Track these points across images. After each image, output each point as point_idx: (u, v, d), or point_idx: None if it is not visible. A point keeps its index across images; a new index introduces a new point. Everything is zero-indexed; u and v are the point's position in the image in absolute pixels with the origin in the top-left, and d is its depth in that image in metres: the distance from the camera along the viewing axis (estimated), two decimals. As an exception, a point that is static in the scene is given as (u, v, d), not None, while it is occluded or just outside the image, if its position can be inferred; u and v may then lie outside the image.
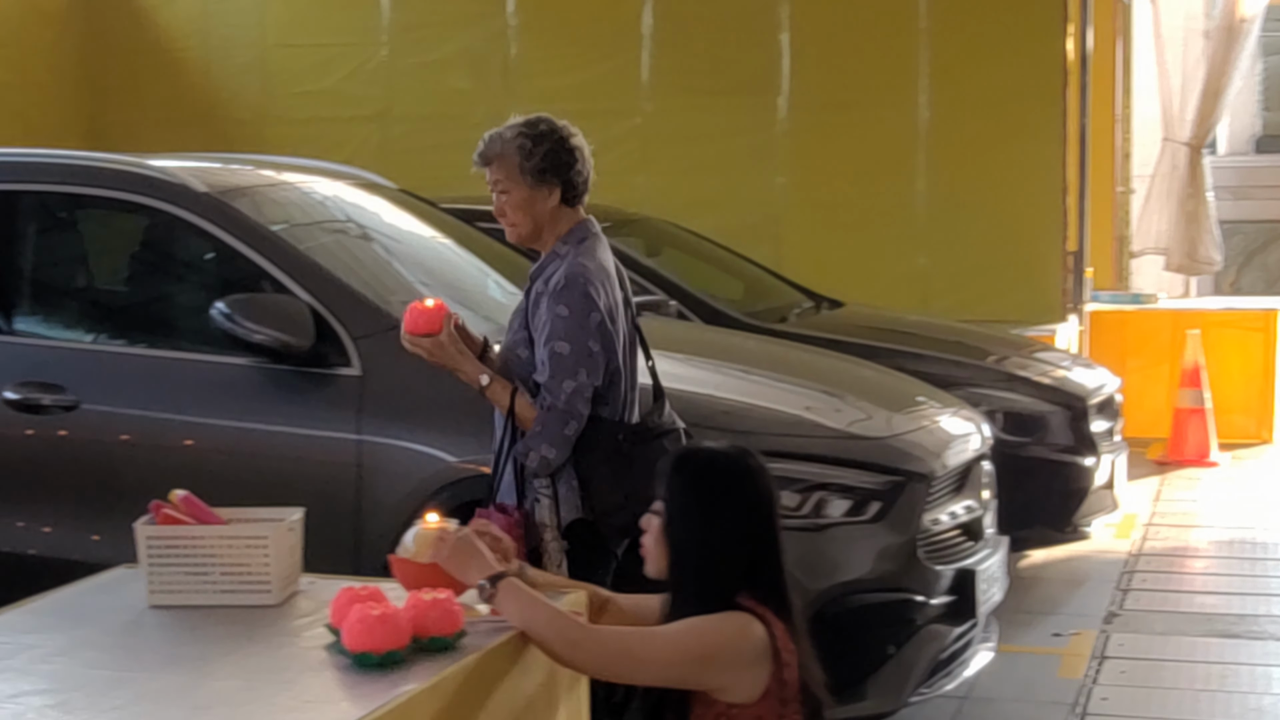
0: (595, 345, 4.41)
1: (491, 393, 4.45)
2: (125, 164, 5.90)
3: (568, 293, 4.38)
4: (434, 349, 4.44)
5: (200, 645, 3.36)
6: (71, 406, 5.51)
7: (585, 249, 4.50)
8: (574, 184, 4.53)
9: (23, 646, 3.34)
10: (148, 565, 3.63)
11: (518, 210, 4.49)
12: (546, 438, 4.36)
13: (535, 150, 4.45)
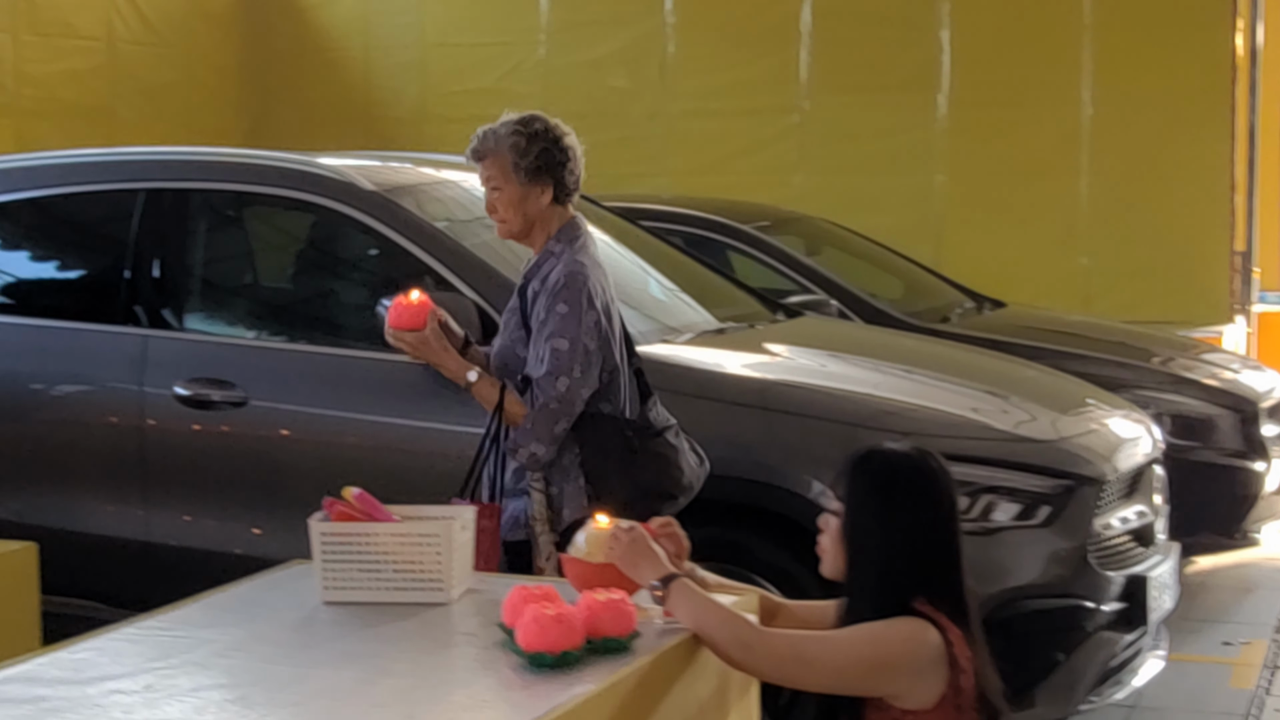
0: (592, 344, 4.41)
1: (478, 390, 4.46)
2: (293, 162, 5.94)
3: (567, 290, 4.40)
4: (417, 344, 4.45)
5: (374, 643, 3.36)
6: (240, 403, 5.56)
7: (580, 247, 4.52)
8: (566, 183, 4.52)
9: (200, 641, 3.36)
10: (321, 561, 3.64)
11: (509, 208, 4.50)
12: (537, 434, 4.37)
13: (529, 149, 4.46)
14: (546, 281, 4.43)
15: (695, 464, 4.62)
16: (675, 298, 6.34)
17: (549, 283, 4.42)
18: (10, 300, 6.35)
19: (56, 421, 5.94)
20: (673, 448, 4.57)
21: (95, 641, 3.38)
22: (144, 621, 3.54)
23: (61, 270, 6.69)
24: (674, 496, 4.54)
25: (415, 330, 4.43)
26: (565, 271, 4.41)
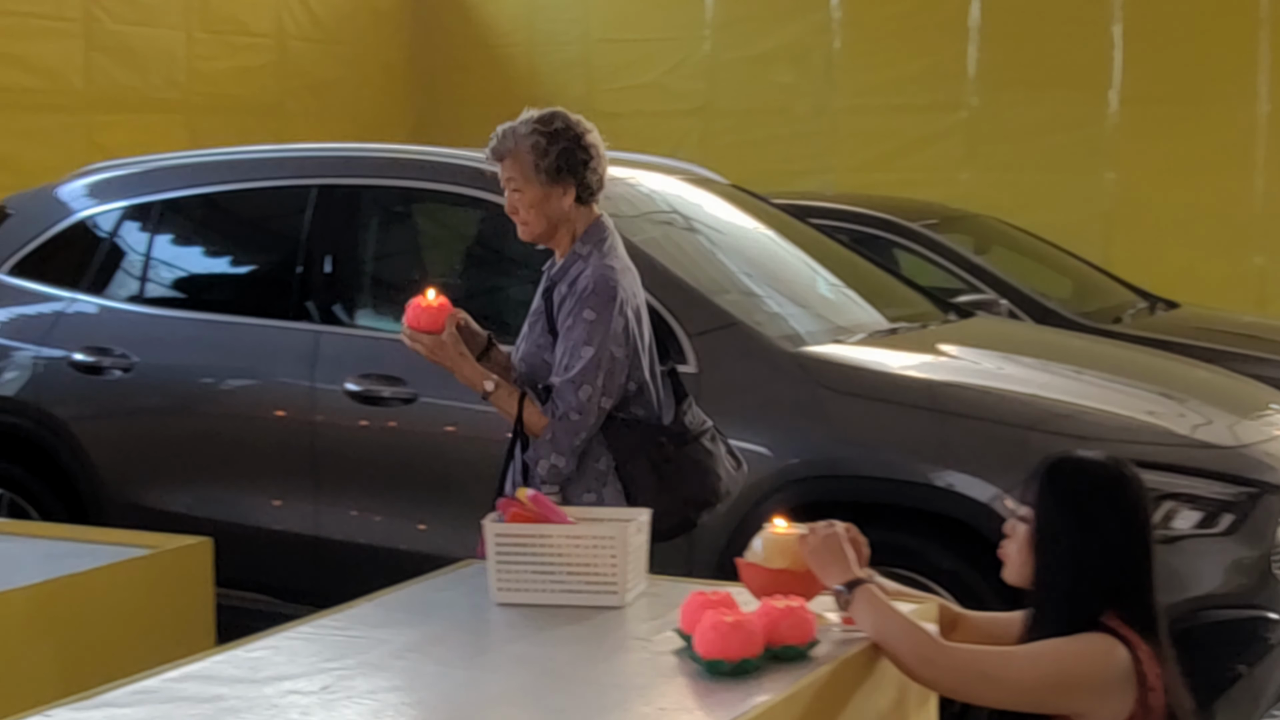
0: (619, 351, 4.24)
1: (496, 399, 4.27)
2: (463, 158, 5.94)
3: (595, 297, 4.22)
4: (434, 348, 4.26)
5: (549, 646, 3.33)
6: (410, 399, 5.57)
7: (609, 250, 4.34)
8: (589, 183, 4.34)
9: (375, 641, 3.36)
10: (495, 562, 3.62)
11: (531, 209, 4.33)
12: (556, 446, 4.19)
13: (550, 148, 4.29)
14: (574, 285, 4.26)
15: (733, 468, 4.45)
16: (844, 297, 6.26)
17: (577, 287, 4.25)
18: (183, 295, 6.42)
19: (227, 416, 6.00)
20: (709, 453, 4.39)
21: (271, 640, 3.39)
22: (319, 620, 3.55)
23: (234, 266, 6.76)
24: (710, 503, 4.39)
25: (432, 333, 4.25)
26: (594, 276, 4.24)
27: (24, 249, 6.46)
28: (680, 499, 4.29)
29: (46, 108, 9.89)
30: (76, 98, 10.03)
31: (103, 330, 6.18)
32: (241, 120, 11.04)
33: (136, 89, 10.51)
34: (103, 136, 9.99)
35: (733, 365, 5.23)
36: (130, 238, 6.41)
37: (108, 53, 10.29)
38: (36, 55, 9.85)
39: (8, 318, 6.41)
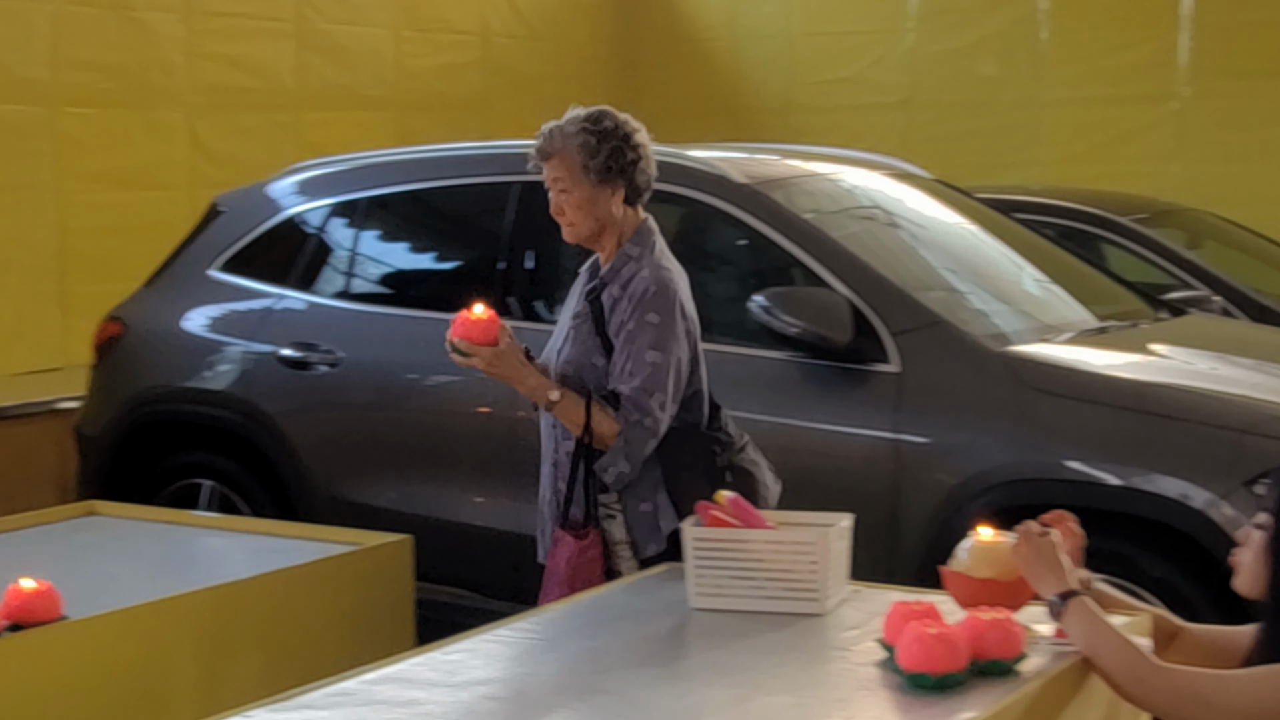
0: (684, 355, 4.17)
1: (562, 408, 4.13)
2: (663, 154, 5.87)
3: (659, 299, 4.14)
4: (493, 359, 4.11)
5: (747, 654, 3.28)
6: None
7: (661, 251, 4.25)
8: (637, 184, 4.23)
9: (573, 646, 3.34)
10: (693, 567, 3.59)
11: (579, 210, 4.20)
12: (627, 452, 4.09)
13: (600, 148, 4.16)
14: (629, 288, 4.15)
15: (773, 481, 4.33)
16: (1051, 294, 6.12)
17: (634, 290, 4.14)
18: (389, 291, 6.48)
19: (431, 411, 6.03)
20: (755, 463, 4.29)
21: (468, 643, 3.39)
22: (515, 623, 3.54)
23: (437, 262, 6.81)
24: None
25: (489, 345, 4.12)
26: (655, 279, 4.15)
27: (234, 246, 6.56)
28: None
29: (259, 106, 10.08)
30: (288, 96, 10.21)
31: (310, 326, 6.26)
32: (447, 117, 11.15)
33: (346, 87, 10.66)
34: (313, 134, 10.16)
35: (936, 365, 5.14)
36: (337, 234, 6.49)
37: (318, 52, 10.45)
38: (250, 55, 10.04)
39: (218, 314, 6.52)
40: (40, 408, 7.90)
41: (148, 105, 9.45)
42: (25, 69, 8.87)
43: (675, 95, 12.60)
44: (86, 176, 9.15)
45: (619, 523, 4.15)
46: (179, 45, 9.62)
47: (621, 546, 4.15)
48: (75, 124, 9.11)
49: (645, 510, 4.15)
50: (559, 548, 4.15)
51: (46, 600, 3.67)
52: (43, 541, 4.61)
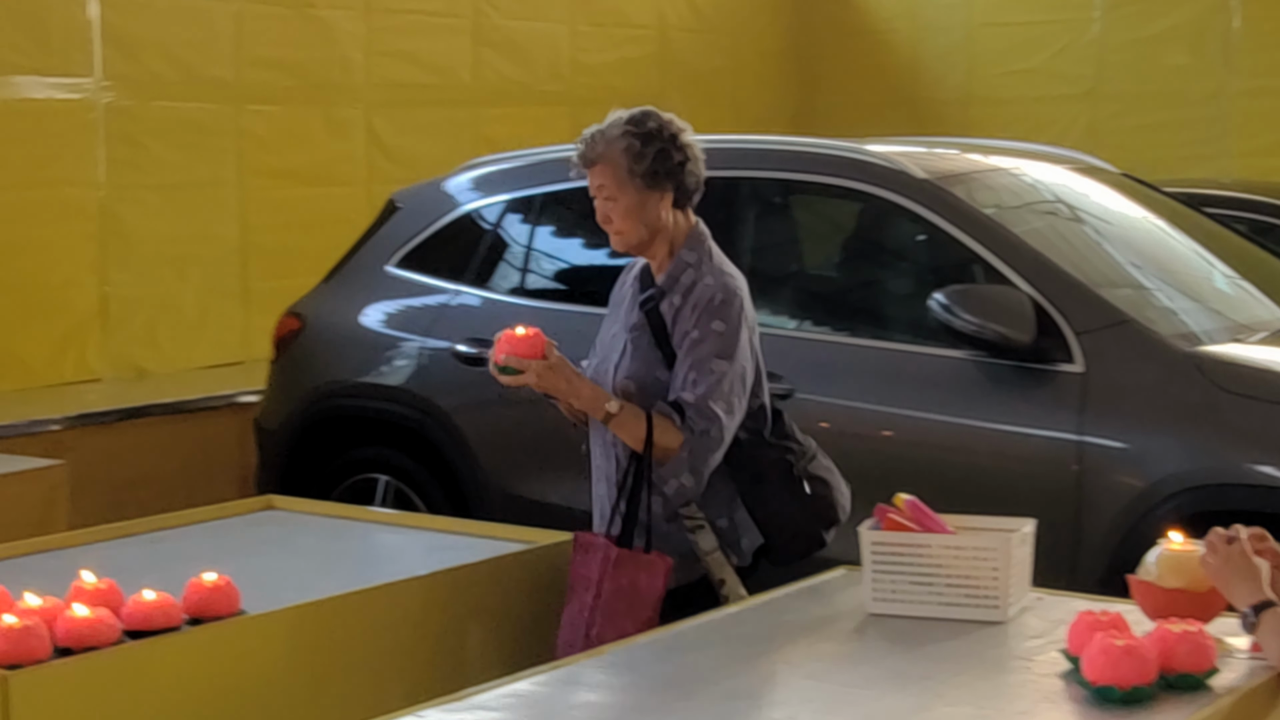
0: (749, 365, 4.02)
1: (620, 421, 3.93)
2: (842, 149, 5.84)
3: (725, 307, 3.98)
4: (544, 373, 3.95)
5: (925, 663, 3.20)
6: (785, 395, 5.49)
7: (720, 256, 4.09)
8: (686, 186, 4.07)
9: (747, 650, 3.29)
10: (871, 571, 3.52)
11: (627, 218, 4.02)
12: (692, 465, 3.91)
13: (645, 151, 3.99)
14: (692, 296, 4.00)
15: (845, 486, 4.19)
16: (1243, 291, 5.94)
17: (698, 297, 3.99)
18: (563, 287, 6.47)
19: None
20: (829, 470, 4.16)
21: (640, 644, 3.35)
22: (687, 625, 3.50)
23: (612, 258, 6.75)
24: (837, 521, 4.12)
25: (537, 359, 3.98)
26: (720, 286, 4.00)
27: (411, 242, 6.59)
28: (811, 517, 4.07)
29: (436, 103, 10.14)
30: (465, 92, 10.27)
31: (485, 322, 6.25)
32: (623, 112, 11.13)
33: (522, 82, 10.70)
34: (490, 130, 10.20)
35: (1123, 365, 5.00)
36: (513, 230, 6.49)
37: (495, 48, 10.50)
38: (428, 52, 10.11)
39: (395, 309, 6.56)
40: (222, 401, 8.02)
41: (327, 102, 9.55)
42: (210, 68, 9.01)
43: (852, 89, 12.48)
44: (267, 173, 9.27)
45: (708, 532, 4.00)
46: (358, 42, 9.71)
47: (714, 555, 3.99)
48: (257, 121, 9.23)
49: (722, 527, 4.03)
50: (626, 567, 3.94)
51: (226, 595, 3.69)
52: (222, 535, 4.65)
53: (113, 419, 7.64)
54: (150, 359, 8.76)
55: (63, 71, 8.37)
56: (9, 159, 8.15)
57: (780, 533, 4.06)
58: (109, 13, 8.53)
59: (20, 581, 3.85)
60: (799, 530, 4.06)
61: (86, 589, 3.66)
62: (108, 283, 8.58)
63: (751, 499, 4.04)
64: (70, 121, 8.40)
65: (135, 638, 3.55)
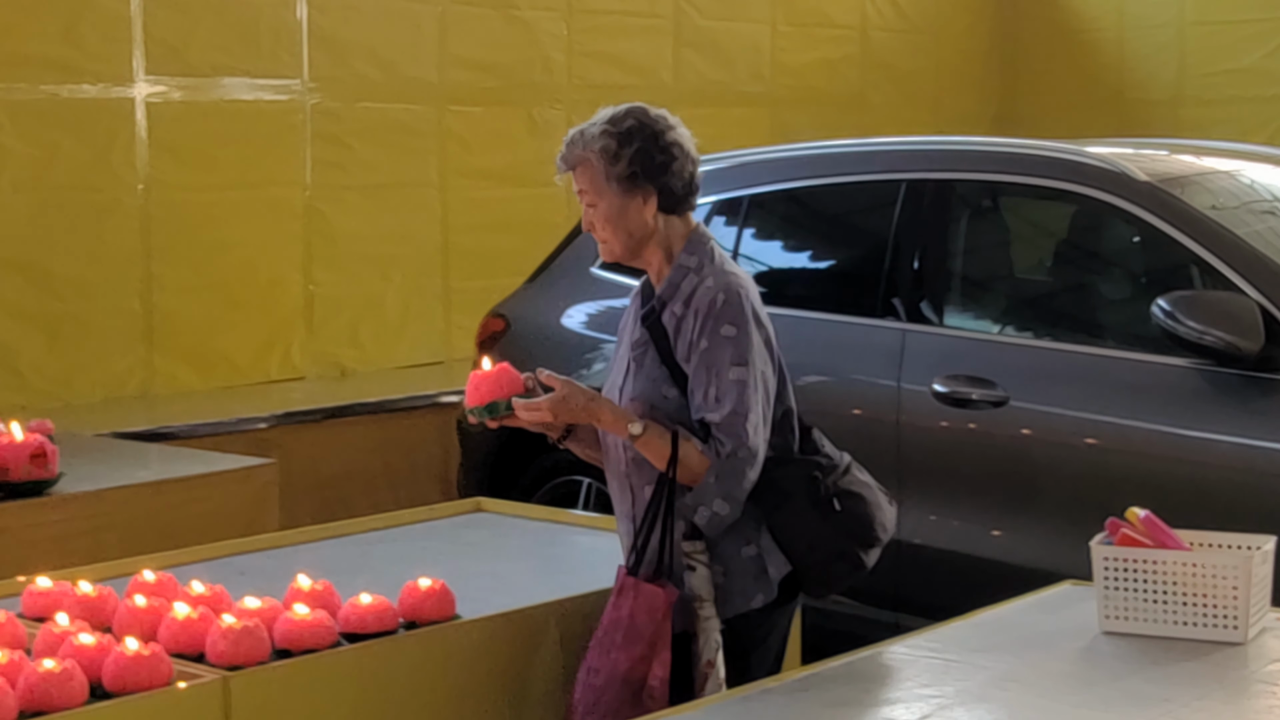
0: (769, 368, 3.70)
1: (646, 441, 3.63)
2: (1059, 151, 5.70)
3: (731, 309, 3.65)
4: (559, 405, 3.64)
5: (1162, 684, 3.09)
6: (1000, 402, 5.37)
7: (722, 258, 3.77)
8: (672, 189, 3.74)
9: (974, 668, 3.21)
10: (1103, 587, 3.40)
11: (608, 224, 3.74)
12: (723, 490, 3.59)
13: (622, 152, 3.69)
14: (694, 303, 3.69)
15: (887, 503, 3.87)
16: None
17: (699, 303, 3.68)
18: (762, 289, 6.37)
19: (807, 413, 5.90)
20: (865, 484, 3.82)
21: (866, 658, 3.29)
22: (912, 640, 3.45)
23: (815, 261, 6.70)
24: (879, 541, 3.79)
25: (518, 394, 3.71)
26: (722, 286, 3.68)
27: (617, 244, 6.56)
28: (844, 537, 3.72)
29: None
30: (665, 93, 10.22)
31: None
32: (823, 112, 11.04)
33: (722, 83, 10.65)
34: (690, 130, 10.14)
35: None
36: (716, 232, 6.39)
37: (695, 48, 10.46)
38: (629, 53, 10.11)
39: (598, 311, 6.53)
40: (424, 401, 8.07)
41: (529, 103, 9.58)
42: (414, 68, 9.08)
43: (1058, 89, 12.26)
44: (469, 173, 9.32)
45: (701, 575, 3.64)
46: (560, 43, 9.74)
47: (704, 605, 3.62)
48: (459, 122, 9.29)
49: (750, 555, 3.70)
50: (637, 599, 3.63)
51: (441, 598, 3.68)
52: (432, 537, 4.66)
53: (317, 418, 7.72)
54: (353, 358, 8.85)
55: (271, 73, 8.49)
56: (218, 160, 8.28)
57: (809, 557, 3.71)
58: (316, 15, 8.63)
59: (236, 581, 3.89)
60: (831, 553, 3.72)
61: (304, 591, 3.68)
62: (313, 282, 8.68)
63: (776, 522, 3.71)
64: (278, 123, 8.52)
65: (352, 640, 3.56)
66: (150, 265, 8.06)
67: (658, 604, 3.58)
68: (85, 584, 3.76)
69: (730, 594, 3.67)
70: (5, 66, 7.55)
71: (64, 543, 4.88)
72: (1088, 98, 12.10)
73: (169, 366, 8.15)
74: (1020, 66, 12.56)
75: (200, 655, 3.43)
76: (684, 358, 3.69)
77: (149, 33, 8.01)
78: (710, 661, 3.59)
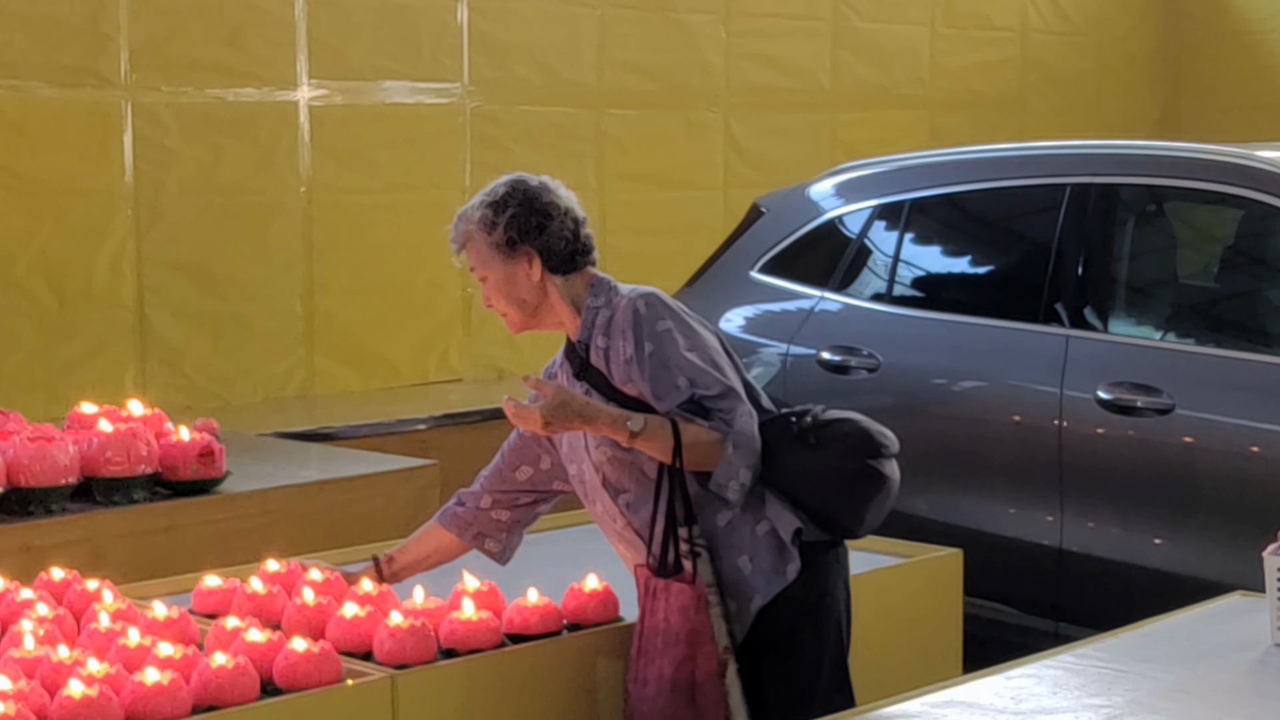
0: (714, 339, 3.72)
1: (649, 435, 3.60)
2: (1227, 154, 5.61)
3: (653, 309, 3.68)
4: (553, 414, 3.58)
5: (1342, 699, 3.03)
6: (1165, 410, 5.29)
7: (622, 286, 3.78)
8: (554, 248, 3.74)
9: (1142, 678, 3.16)
10: (1275, 599, 3.34)
11: (500, 294, 3.77)
12: (744, 457, 3.59)
13: (497, 219, 3.72)
14: (613, 325, 3.71)
15: (875, 423, 3.77)
16: None
17: (619, 323, 3.70)
18: (922, 294, 6.36)
19: (966, 419, 5.89)
20: (842, 413, 3.77)
21: (1032, 668, 3.27)
22: (1079, 649, 3.41)
23: (976, 267, 6.64)
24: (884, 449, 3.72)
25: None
26: (636, 296, 3.71)
27: (775, 247, 6.56)
28: (847, 456, 3.68)
29: (794, 106, 10.10)
30: (823, 95, 10.20)
31: (849, 329, 6.19)
32: (982, 116, 10.95)
33: (881, 86, 10.59)
34: (846, 134, 10.11)
35: None
36: (877, 237, 6.40)
37: (854, 51, 10.41)
38: (787, 55, 10.08)
39: (757, 315, 6.53)
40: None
41: (686, 106, 9.58)
42: (573, 72, 9.12)
43: (1223, 91, 12.04)
44: (626, 176, 9.34)
45: (705, 561, 3.64)
46: (718, 46, 9.73)
47: (711, 590, 3.62)
48: (617, 125, 9.31)
49: (765, 531, 3.68)
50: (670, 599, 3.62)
51: (604, 601, 3.70)
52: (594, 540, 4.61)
53: (475, 419, 7.77)
54: (509, 360, 8.91)
55: (432, 77, 8.57)
56: (380, 162, 8.37)
57: (823, 493, 3.68)
58: (476, 19, 8.70)
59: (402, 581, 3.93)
60: (843, 477, 3.68)
61: (469, 591, 3.71)
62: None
63: (774, 480, 3.68)
64: (438, 126, 8.60)
65: (516, 641, 3.58)
66: (311, 267, 8.17)
67: (687, 600, 3.58)
68: (256, 581, 3.83)
69: (764, 576, 3.66)
70: (172, 71, 7.69)
71: (230, 540, 4.96)
72: (1254, 100, 11.87)
73: (329, 367, 8.26)
74: (1184, 68, 12.36)
75: (367, 654, 3.48)
76: (624, 380, 3.69)
77: (312, 37, 8.13)
78: (727, 648, 3.59)
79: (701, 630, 3.57)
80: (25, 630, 3.45)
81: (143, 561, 4.65)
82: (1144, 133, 11.29)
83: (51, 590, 3.84)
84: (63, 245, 7.41)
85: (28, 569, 4.12)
